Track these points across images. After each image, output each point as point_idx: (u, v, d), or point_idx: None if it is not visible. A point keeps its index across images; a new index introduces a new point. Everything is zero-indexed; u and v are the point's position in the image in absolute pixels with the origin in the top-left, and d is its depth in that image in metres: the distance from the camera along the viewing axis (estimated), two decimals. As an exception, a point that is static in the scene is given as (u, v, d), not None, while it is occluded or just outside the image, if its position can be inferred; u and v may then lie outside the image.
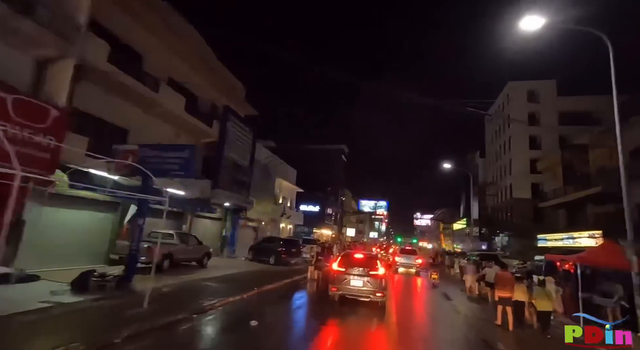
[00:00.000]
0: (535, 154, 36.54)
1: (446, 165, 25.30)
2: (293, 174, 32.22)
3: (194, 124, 14.95)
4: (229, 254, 19.76)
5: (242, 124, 19.25)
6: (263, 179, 23.24)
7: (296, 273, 15.16)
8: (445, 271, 25.32)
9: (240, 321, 6.75)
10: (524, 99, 38.09)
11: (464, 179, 59.98)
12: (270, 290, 11.03)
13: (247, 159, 20.06)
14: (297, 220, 31.67)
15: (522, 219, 35.71)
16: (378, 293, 8.75)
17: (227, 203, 18.19)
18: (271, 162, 24.19)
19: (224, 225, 19.83)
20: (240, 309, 8.03)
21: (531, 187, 36.29)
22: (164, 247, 11.48)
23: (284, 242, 17.93)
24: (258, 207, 22.51)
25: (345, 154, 56.08)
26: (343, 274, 9.08)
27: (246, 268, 15.42)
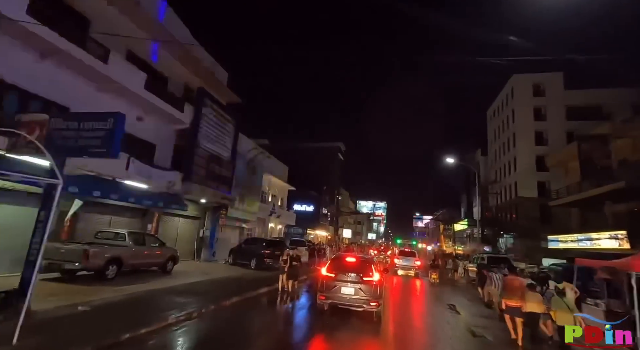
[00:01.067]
0: (541, 151, 34.61)
1: (449, 160, 23.26)
2: (284, 171, 30.10)
3: (158, 106, 12.81)
4: (208, 257, 17.64)
5: (222, 110, 17.14)
6: (248, 174, 21.12)
7: (278, 280, 13.02)
8: (448, 275, 23.21)
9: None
10: (529, 92, 36.17)
11: (465, 178, 58.10)
12: (235, 304, 8.89)
13: (229, 151, 17.95)
14: (288, 220, 29.56)
15: (527, 219, 33.76)
16: (372, 302, 7.62)
17: (203, 199, 16.06)
18: (258, 155, 22.06)
19: (202, 225, 17.69)
20: (174, 339, 5.84)
21: (537, 186, 34.39)
22: (110, 250, 9.37)
23: (268, 243, 15.82)
24: (243, 205, 20.38)
25: (342, 152, 54.04)
26: (332, 280, 7.97)
27: (221, 274, 13.28)
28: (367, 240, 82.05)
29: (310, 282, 14.43)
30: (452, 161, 23.49)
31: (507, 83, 38.95)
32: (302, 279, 14.01)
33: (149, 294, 8.53)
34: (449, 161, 23.37)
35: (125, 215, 12.80)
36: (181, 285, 10.12)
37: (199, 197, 15.18)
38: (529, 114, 35.67)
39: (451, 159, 23.30)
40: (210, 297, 8.82)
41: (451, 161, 23.42)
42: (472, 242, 49.55)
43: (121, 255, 9.58)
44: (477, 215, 44.46)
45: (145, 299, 8.05)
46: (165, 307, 7.30)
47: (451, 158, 23.35)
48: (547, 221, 32.89)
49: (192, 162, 14.49)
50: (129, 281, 9.49)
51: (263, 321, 7.94)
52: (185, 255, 16.51)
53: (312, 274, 16.46)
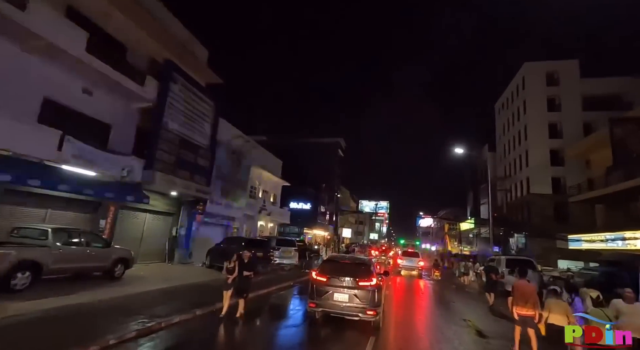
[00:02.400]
0: (555, 144, 32.15)
1: (458, 151, 20.86)
2: (277, 165, 27.82)
3: (111, 78, 10.57)
4: (183, 259, 15.42)
5: (198, 91, 14.92)
6: (232, 166, 18.86)
7: (256, 287, 10.73)
8: (459, 279, 20.81)
9: None
10: (542, 81, 33.66)
11: (472, 176, 55.55)
12: (179, 324, 6.61)
13: (207, 138, 15.72)
14: (281, 218, 27.28)
15: (541, 218, 31.28)
16: (369, 311, 6.69)
17: (173, 192, 13.81)
18: (243, 145, 19.81)
19: (176, 222, 15.45)
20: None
21: (551, 182, 31.87)
22: (22, 251, 7.12)
23: (247, 243, 13.54)
24: (226, 200, 18.12)
25: (342, 148, 51.67)
26: (324, 284, 7.04)
27: (188, 280, 11.02)
28: (369, 240, 79.57)
29: (292, 291, 12.12)
30: (461, 152, 21.09)
31: (517, 72, 36.42)
32: (269, 290, 11.72)
33: (63, 312, 6.27)
34: (458, 152, 20.99)
35: (70, 208, 10.57)
36: (123, 296, 7.86)
37: (166, 188, 12.93)
38: (542, 104, 33.19)
39: (460, 150, 20.88)
40: (151, 314, 6.56)
41: (460, 152, 21.03)
42: (480, 243, 47.06)
43: (38, 258, 7.33)
44: (488, 213, 41.98)
45: (52, 319, 5.79)
46: (73, 333, 5.06)
47: (460, 149, 20.94)
48: (563, 220, 30.43)
49: (157, 146, 12.24)
50: (52, 292, 7.24)
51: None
52: (154, 257, 14.31)
53: (298, 279, 14.17)
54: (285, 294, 11.40)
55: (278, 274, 14.95)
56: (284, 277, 14.04)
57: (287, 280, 13.41)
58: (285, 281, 13.02)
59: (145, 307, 7.10)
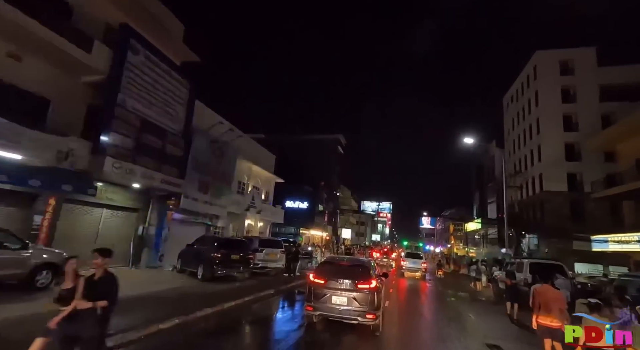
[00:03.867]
0: (571, 137, 29.84)
1: (467, 141, 18.61)
2: (270, 160, 25.71)
3: (48, 41, 8.50)
4: (152, 262, 13.34)
5: (168, 66, 12.86)
6: (214, 157, 16.77)
7: (227, 297, 8.59)
8: (469, 285, 18.59)
9: None
10: (555, 71, 31.34)
11: (478, 174, 53.16)
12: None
13: (180, 123, 13.67)
14: (274, 217, 25.15)
15: (556, 217, 28.92)
16: (369, 314, 6.38)
17: (135, 183, 11.73)
18: (228, 135, 17.74)
19: (143, 220, 13.36)
20: None
21: (567, 178, 29.52)
22: None
23: (222, 243, 11.38)
24: (206, 196, 16.02)
25: (342, 145, 49.54)
26: (322, 287, 6.71)
27: (146, 288, 8.88)
28: (371, 241, 77.25)
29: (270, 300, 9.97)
30: (470, 142, 18.84)
31: (528, 62, 34.13)
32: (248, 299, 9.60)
33: None
34: (467, 143, 18.74)
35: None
36: (37, 314, 5.76)
37: (122, 178, 10.83)
38: (555, 95, 30.87)
39: (469, 140, 18.64)
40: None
41: (469, 142, 18.78)
42: (487, 244, 44.66)
43: None
44: (497, 212, 39.63)
45: None
46: None
47: (469, 139, 18.70)
48: (580, 219, 28.10)
49: (109, 127, 10.17)
50: None
51: None
52: (115, 261, 12.17)
53: (284, 286, 12.02)
54: (265, 305, 9.24)
55: (260, 279, 12.80)
56: (267, 284, 11.90)
57: (270, 287, 11.27)
58: (267, 288, 10.88)
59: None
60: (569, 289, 11.12)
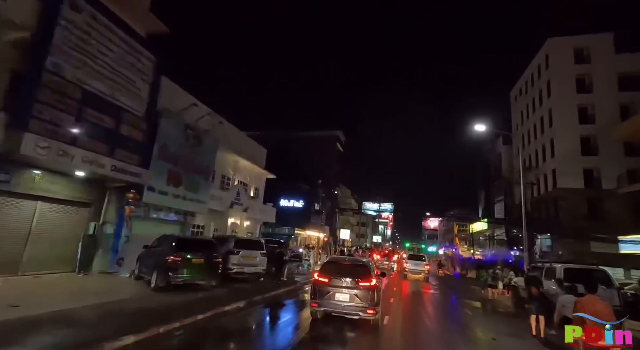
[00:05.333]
0: (586, 130, 27.63)
1: (479, 128, 16.37)
2: (260, 153, 23.58)
3: None
4: (108, 266, 11.23)
5: (126, 33, 10.75)
6: (188, 145, 14.66)
7: (173, 317, 6.43)
8: (482, 292, 16.39)
9: None
10: (569, 59, 29.14)
11: (483, 172, 50.83)
12: None
13: (143, 102, 11.56)
14: (264, 216, 22.98)
15: (572, 216, 26.63)
16: (369, 310, 6.93)
17: (79, 171, 9.60)
18: (206, 121, 15.65)
19: (96, 216, 11.24)
20: None
21: (583, 174, 27.25)
22: None
23: (182, 244, 9.18)
24: (177, 189, 13.90)
25: (341, 142, 47.38)
26: (326, 285, 7.18)
27: (56, 305, 6.69)
28: (372, 243, 74.92)
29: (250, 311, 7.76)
30: (482, 129, 16.61)
31: (540, 50, 31.90)
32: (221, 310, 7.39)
33: None
34: (478, 130, 16.52)
35: None
36: None
37: (55, 162, 8.70)
38: (569, 85, 28.68)
39: (480, 127, 16.41)
40: None
41: (480, 130, 16.56)
42: (495, 246, 42.29)
43: None
44: (511, 211, 37.27)
45: None
46: None
47: (480, 126, 16.48)
48: (598, 218, 25.83)
49: (34, 97, 8.05)
50: None
51: None
52: (57, 265, 10.15)
53: (264, 295, 9.85)
54: (227, 324, 7.05)
55: (234, 287, 10.63)
56: (240, 293, 9.76)
57: (242, 297, 9.12)
58: (237, 300, 8.73)
59: None
60: (615, 301, 8.92)
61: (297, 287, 13.12)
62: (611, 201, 24.98)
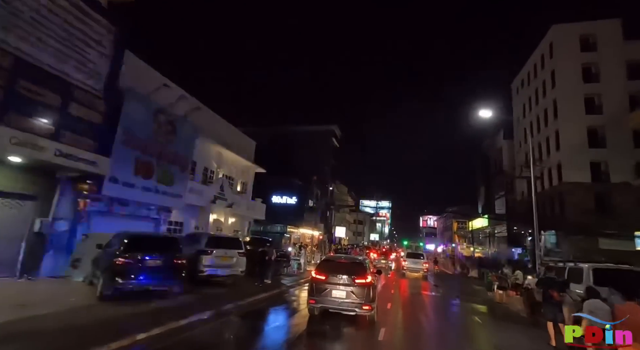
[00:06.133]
0: (594, 121, 26.25)
1: (484, 114, 14.86)
2: (248, 146, 22.04)
3: None
4: (60, 269, 9.66)
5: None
6: (164, 134, 13.10)
7: (100, 339, 4.88)
8: (484, 292, 14.95)
9: None
10: (575, 47, 27.70)
11: (483, 168, 49.47)
12: None
13: (100, 78, 9.96)
14: (253, 213, 21.44)
15: (578, 211, 25.28)
16: (365, 306, 7.06)
17: (13, 156, 8.00)
18: (182, 106, 14.07)
19: (44, 211, 9.65)
20: None
21: (590, 167, 25.89)
22: None
23: (133, 243, 7.59)
24: (148, 182, 12.33)
25: (337, 137, 45.83)
26: (323, 282, 7.35)
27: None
28: (369, 241, 73.55)
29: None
30: (489, 115, 15.07)
31: (543, 39, 30.47)
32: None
33: None
34: (484, 115, 15.00)
35: None
36: None
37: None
38: (575, 74, 27.28)
39: (486, 112, 14.90)
40: None
41: (487, 115, 15.03)
42: (495, 243, 41.01)
43: None
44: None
45: None
46: None
47: (486, 112, 14.98)
48: (606, 213, 24.50)
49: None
50: None
51: None
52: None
53: (241, 301, 8.31)
54: (179, 345, 5.51)
55: (205, 293, 9.08)
56: (210, 300, 8.24)
57: (211, 306, 7.60)
58: (203, 310, 7.21)
59: None
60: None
61: (282, 291, 11.59)
62: (622, 195, 23.65)
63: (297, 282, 13.89)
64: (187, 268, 9.13)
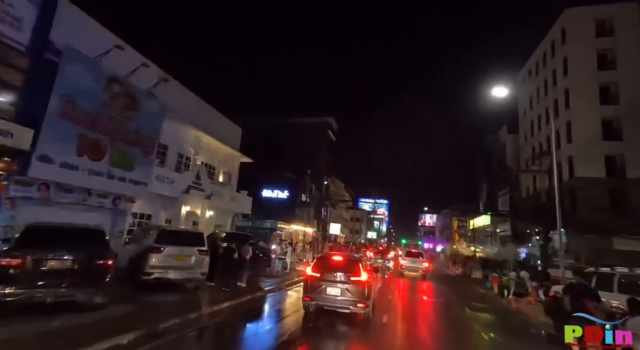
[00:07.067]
0: (609, 111, 24.36)
1: (498, 93, 12.77)
2: (233, 132, 19.93)
3: None
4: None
5: None
6: (122, 109, 11.01)
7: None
8: (490, 296, 12.98)
9: None
10: (589, 32, 25.69)
11: (486, 164, 47.51)
12: None
13: (19, 28, 7.85)
14: (237, 206, 19.36)
15: (591, 208, 23.39)
16: (360, 303, 7.09)
17: None
18: (146, 78, 11.97)
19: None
20: None
21: (605, 161, 24.00)
22: None
23: (37, 235, 5.53)
24: (99, 165, 10.25)
25: (332, 129, 43.79)
26: (318, 280, 7.37)
27: None
28: (367, 239, 71.67)
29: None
30: (504, 95, 12.98)
31: (554, 24, 28.43)
32: None
33: None
34: (499, 95, 12.91)
35: None
36: None
37: None
38: (590, 61, 25.32)
39: (501, 90, 12.82)
40: None
41: (502, 94, 12.94)
42: (497, 242, 39.16)
43: None
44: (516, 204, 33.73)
45: None
46: None
47: (499, 90, 12.89)
48: (622, 210, 22.64)
49: None
50: None
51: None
52: None
53: (177, 320, 6.19)
54: None
55: (145, 302, 7.02)
56: (151, 313, 6.21)
57: (146, 322, 5.55)
58: (127, 329, 5.15)
59: None
60: None
61: (256, 297, 9.55)
62: (638, 191, 21.77)
63: (278, 286, 11.88)
64: (131, 270, 7.10)
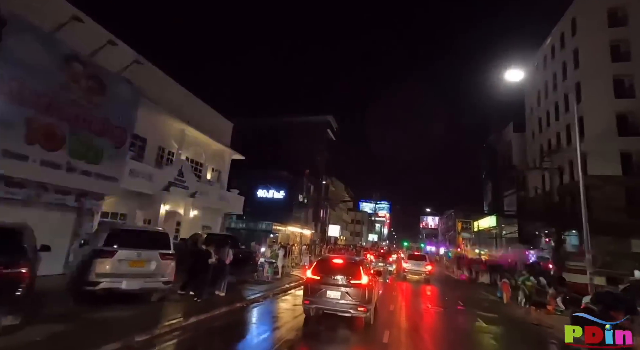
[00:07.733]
0: (624, 105, 22.96)
1: (511, 77, 11.35)
2: (223, 127, 18.59)
3: None
4: None
5: None
6: (86, 92, 9.69)
7: None
8: (522, 311, 11.48)
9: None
10: (602, 22, 24.38)
11: (491, 164, 46.00)
12: None
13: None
14: (227, 206, 17.97)
15: (606, 209, 21.91)
16: (360, 307, 6.99)
17: None
18: (114, 55, 10.67)
19: None
20: None
21: (620, 158, 22.58)
22: None
23: None
24: (56, 155, 8.90)
25: (332, 128, 42.45)
26: (318, 283, 7.26)
27: None
28: (367, 241, 70.09)
29: None
30: (519, 78, 11.58)
31: (564, 14, 27.08)
32: None
33: None
34: (512, 79, 11.52)
35: None
36: None
37: None
38: (603, 53, 23.99)
39: (516, 74, 11.42)
40: None
41: (516, 79, 11.55)
42: (503, 244, 37.59)
43: None
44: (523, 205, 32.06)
45: None
46: None
47: (513, 74, 11.49)
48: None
49: None
50: None
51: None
52: None
53: (132, 337, 4.77)
54: None
55: (87, 319, 5.63)
56: (83, 335, 4.82)
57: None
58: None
59: None
60: None
61: (234, 309, 8.13)
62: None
63: (265, 294, 10.44)
64: (75, 279, 5.73)
